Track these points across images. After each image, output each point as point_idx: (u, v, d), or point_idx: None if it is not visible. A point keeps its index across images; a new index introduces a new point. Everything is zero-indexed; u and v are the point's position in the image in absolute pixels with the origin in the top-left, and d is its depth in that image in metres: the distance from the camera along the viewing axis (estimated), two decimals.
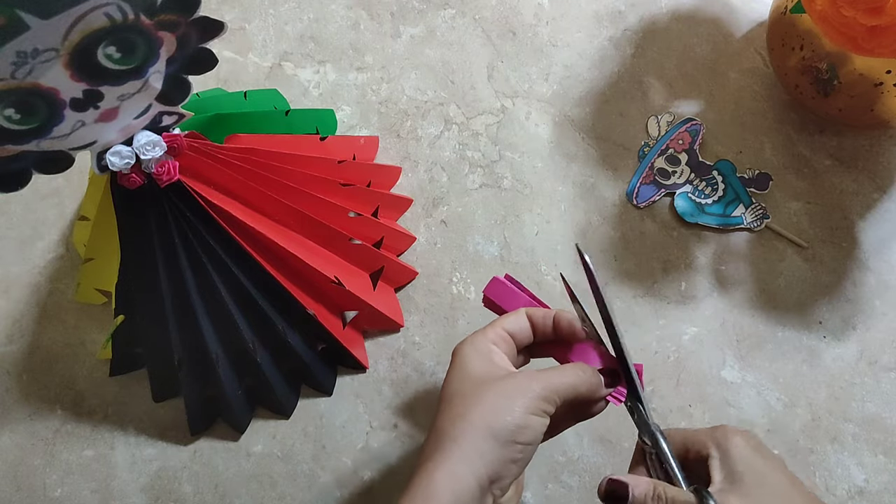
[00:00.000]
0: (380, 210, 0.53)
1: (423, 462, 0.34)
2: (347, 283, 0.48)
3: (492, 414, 0.34)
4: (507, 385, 0.35)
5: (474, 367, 0.37)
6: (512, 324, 0.39)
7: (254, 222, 0.43)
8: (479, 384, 0.36)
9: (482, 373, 0.36)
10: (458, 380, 0.37)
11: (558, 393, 0.36)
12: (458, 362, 0.38)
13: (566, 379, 0.37)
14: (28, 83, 0.30)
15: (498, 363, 0.37)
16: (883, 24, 0.41)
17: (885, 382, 0.51)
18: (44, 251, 0.55)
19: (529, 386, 0.35)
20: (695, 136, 0.57)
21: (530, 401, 0.35)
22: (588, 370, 0.38)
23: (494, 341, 0.38)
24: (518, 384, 0.35)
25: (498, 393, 0.35)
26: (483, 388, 0.35)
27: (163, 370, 0.49)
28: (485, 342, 0.38)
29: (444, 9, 0.62)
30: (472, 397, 0.35)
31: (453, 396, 0.36)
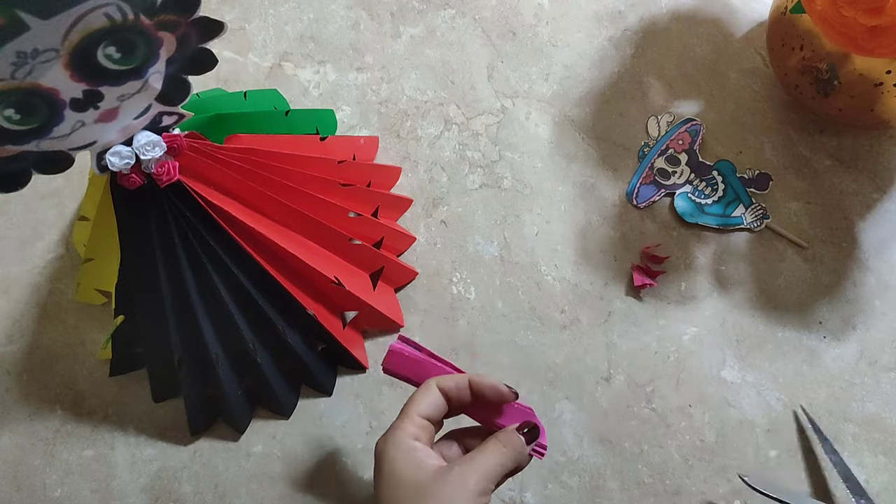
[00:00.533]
0: (380, 210, 0.53)
1: None
2: (347, 284, 0.48)
3: None
4: (444, 490, 0.35)
5: (403, 473, 0.36)
6: (426, 407, 0.39)
7: (254, 222, 0.43)
8: (413, 493, 0.36)
9: (412, 478, 0.36)
10: (390, 488, 0.36)
11: (492, 479, 0.37)
12: (384, 469, 0.37)
13: (494, 460, 0.37)
14: (28, 83, 0.30)
15: (424, 461, 0.37)
16: (883, 24, 0.41)
17: (885, 382, 0.51)
18: (44, 251, 0.55)
19: (465, 485, 0.35)
20: (695, 136, 0.57)
21: (468, 499, 0.35)
22: (508, 441, 0.38)
23: (415, 436, 0.38)
24: (454, 488, 0.35)
25: (437, 499, 0.35)
26: (419, 497, 0.35)
27: (163, 370, 0.49)
28: (406, 441, 0.37)
29: (444, 9, 0.62)
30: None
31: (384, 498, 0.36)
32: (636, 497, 0.49)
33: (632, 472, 0.49)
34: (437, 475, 0.36)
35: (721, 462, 0.49)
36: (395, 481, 0.36)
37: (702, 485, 0.49)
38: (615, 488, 0.49)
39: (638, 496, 0.49)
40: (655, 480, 0.49)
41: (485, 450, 0.38)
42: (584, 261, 0.54)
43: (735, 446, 0.50)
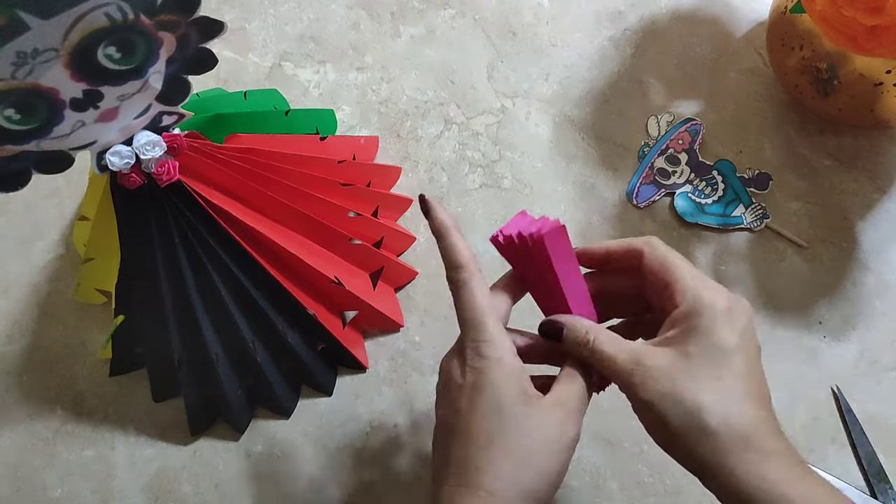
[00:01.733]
0: (380, 210, 0.53)
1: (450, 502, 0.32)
2: (347, 283, 0.48)
3: (543, 476, 0.32)
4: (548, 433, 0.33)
5: (504, 400, 0.33)
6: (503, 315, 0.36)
7: (254, 222, 0.43)
8: (516, 429, 0.32)
9: (516, 411, 0.33)
10: (488, 414, 0.33)
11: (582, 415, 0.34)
12: (486, 394, 0.33)
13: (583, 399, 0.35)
14: (28, 83, 0.30)
15: (526, 391, 0.34)
16: (883, 23, 0.41)
17: (885, 382, 0.51)
18: (44, 251, 0.55)
19: (567, 432, 0.33)
20: (695, 136, 0.57)
21: (571, 450, 0.33)
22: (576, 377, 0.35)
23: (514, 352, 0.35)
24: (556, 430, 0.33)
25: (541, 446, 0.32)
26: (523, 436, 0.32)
27: (163, 370, 0.49)
28: (511, 362, 0.34)
29: (444, 9, 0.62)
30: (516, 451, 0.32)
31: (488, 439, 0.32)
32: (636, 497, 0.49)
33: (632, 472, 0.49)
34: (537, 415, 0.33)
35: None
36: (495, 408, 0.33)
37: (702, 485, 0.49)
38: (615, 488, 0.49)
39: (638, 496, 0.49)
40: (655, 480, 0.49)
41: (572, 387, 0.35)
42: None
43: None
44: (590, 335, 0.35)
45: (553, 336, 0.36)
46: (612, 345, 0.34)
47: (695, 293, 0.33)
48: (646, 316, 0.39)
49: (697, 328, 0.32)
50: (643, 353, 0.33)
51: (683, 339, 0.33)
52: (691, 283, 0.34)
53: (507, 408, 0.33)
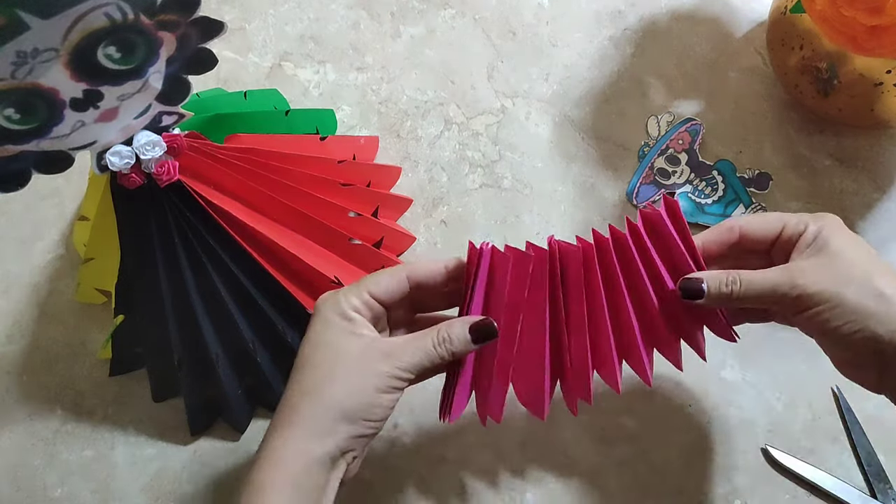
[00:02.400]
0: (380, 210, 0.53)
1: (273, 435, 0.35)
2: (347, 283, 0.47)
3: (343, 394, 0.35)
4: (358, 364, 0.36)
5: (329, 337, 0.37)
6: (382, 289, 0.38)
7: (254, 222, 0.43)
8: (332, 357, 0.36)
9: (335, 343, 0.36)
10: (310, 348, 0.37)
11: (408, 370, 0.36)
12: (314, 327, 0.37)
13: (415, 359, 0.37)
14: (28, 83, 0.30)
15: (355, 332, 0.37)
16: (883, 23, 0.41)
17: None
18: (44, 251, 0.55)
19: (379, 368, 0.36)
20: (695, 136, 0.57)
21: (381, 380, 0.36)
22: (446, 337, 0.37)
23: (355, 307, 0.37)
24: (368, 364, 0.36)
25: (349, 372, 0.36)
26: (336, 363, 0.36)
27: (163, 370, 0.49)
28: (346, 307, 0.37)
29: (444, 9, 0.62)
30: (324, 372, 0.36)
31: (305, 365, 0.36)
32: (636, 497, 0.49)
33: (632, 472, 0.49)
34: (359, 347, 0.36)
35: (721, 462, 0.49)
36: (319, 341, 0.37)
37: (702, 485, 0.49)
38: (615, 488, 0.49)
39: (638, 496, 0.49)
40: (655, 480, 0.49)
41: (413, 345, 0.37)
42: None
43: (735, 446, 0.50)
44: (731, 277, 0.38)
45: (694, 293, 0.39)
46: (759, 273, 0.38)
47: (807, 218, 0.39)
48: None
49: (828, 237, 0.37)
50: (794, 266, 0.38)
51: (821, 249, 0.37)
52: (797, 218, 0.39)
53: (322, 337, 0.37)
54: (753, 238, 0.40)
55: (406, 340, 0.37)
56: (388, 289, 0.39)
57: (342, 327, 0.37)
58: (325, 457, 0.35)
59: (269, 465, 0.34)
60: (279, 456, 0.34)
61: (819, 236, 0.38)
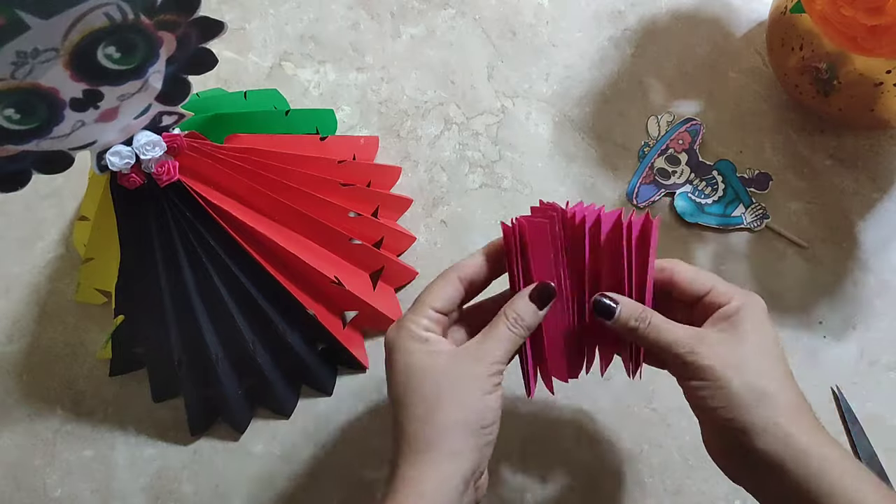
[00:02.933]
0: (380, 210, 0.53)
1: (402, 467, 0.35)
2: (347, 283, 0.48)
3: (456, 410, 0.35)
4: (456, 377, 0.36)
5: (416, 362, 0.37)
6: (441, 300, 0.39)
7: (254, 222, 0.43)
8: (430, 381, 0.36)
9: (426, 366, 0.36)
10: (404, 378, 0.37)
11: (500, 362, 0.37)
12: (397, 360, 0.37)
13: (501, 350, 0.37)
14: (28, 83, 0.30)
15: (437, 348, 0.37)
16: (883, 24, 0.41)
17: (885, 382, 0.51)
18: (44, 251, 0.55)
19: (476, 372, 0.36)
20: (695, 136, 0.57)
21: (482, 383, 0.36)
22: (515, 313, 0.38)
23: (427, 327, 0.38)
24: (465, 373, 0.36)
25: (452, 387, 0.36)
26: (437, 384, 0.36)
27: (163, 370, 0.49)
28: (418, 332, 0.37)
29: (444, 9, 0.62)
30: (430, 397, 0.36)
31: (407, 397, 0.36)
32: (636, 497, 0.49)
33: (632, 472, 0.49)
34: (449, 361, 0.36)
35: None
36: (409, 372, 0.36)
37: (702, 485, 0.49)
38: (615, 488, 0.49)
39: (638, 496, 0.49)
40: (655, 480, 0.49)
41: (493, 329, 0.37)
42: None
43: None
44: (646, 314, 0.38)
45: (605, 313, 0.38)
46: (670, 324, 0.38)
47: (736, 290, 0.38)
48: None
49: (745, 318, 0.37)
50: (702, 332, 0.37)
51: (733, 326, 0.37)
52: (727, 287, 0.38)
53: (411, 367, 0.37)
54: (680, 287, 0.39)
55: (484, 337, 0.37)
56: (449, 297, 0.39)
57: (424, 351, 0.37)
58: (462, 478, 0.35)
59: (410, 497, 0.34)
60: (418, 487, 0.34)
61: (737, 314, 0.37)
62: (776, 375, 0.36)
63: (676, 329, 0.37)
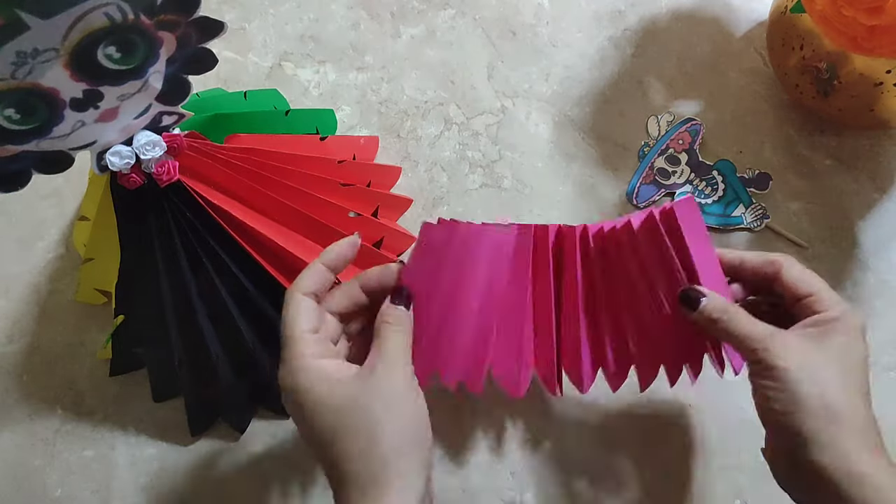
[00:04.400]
0: (380, 210, 0.53)
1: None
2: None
3: (394, 432, 0.34)
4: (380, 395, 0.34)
5: (330, 399, 0.34)
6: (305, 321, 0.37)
7: (254, 222, 0.43)
8: (353, 413, 0.34)
9: (343, 398, 0.34)
10: (323, 420, 0.34)
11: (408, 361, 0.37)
12: (308, 402, 0.35)
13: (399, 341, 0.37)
14: (28, 83, 0.30)
15: (341, 377, 0.35)
16: (883, 23, 0.41)
17: (885, 382, 0.51)
18: (44, 251, 0.55)
19: (393, 383, 0.35)
20: (695, 135, 0.57)
21: (407, 392, 0.35)
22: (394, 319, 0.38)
23: (316, 354, 0.36)
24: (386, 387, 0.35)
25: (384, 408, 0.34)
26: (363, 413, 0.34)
27: (163, 370, 0.49)
28: (312, 363, 0.35)
29: (444, 9, 0.62)
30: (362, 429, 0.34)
31: (336, 437, 0.34)
32: (636, 497, 0.49)
33: (632, 472, 0.49)
34: (365, 385, 0.35)
35: (721, 462, 0.49)
36: (326, 409, 0.34)
37: (702, 485, 0.49)
38: (615, 488, 0.49)
39: (638, 496, 0.49)
40: (655, 480, 0.49)
41: (385, 338, 0.37)
42: None
43: (735, 446, 0.50)
44: (729, 308, 0.37)
45: (691, 304, 0.38)
46: (750, 319, 0.37)
47: (837, 300, 0.37)
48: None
49: (836, 330, 0.36)
50: (781, 332, 0.37)
51: (822, 335, 0.36)
52: (831, 296, 0.38)
53: (325, 401, 0.34)
54: (785, 284, 0.39)
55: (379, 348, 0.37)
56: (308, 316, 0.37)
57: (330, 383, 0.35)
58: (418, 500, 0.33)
59: None
60: None
61: (830, 324, 0.36)
62: (850, 393, 0.35)
63: (755, 324, 0.37)
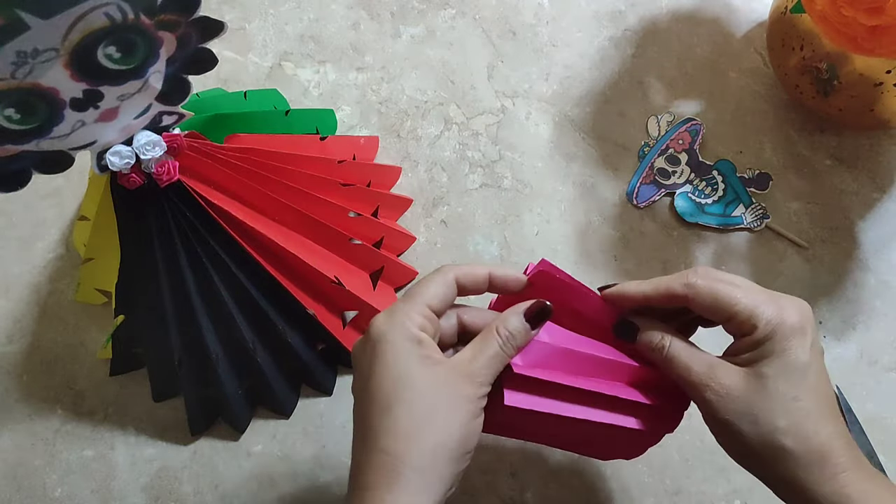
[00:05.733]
0: (380, 210, 0.53)
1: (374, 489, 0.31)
2: (347, 283, 0.48)
3: (445, 434, 0.32)
4: (449, 396, 0.33)
5: (408, 366, 0.33)
6: (436, 298, 0.35)
7: (254, 222, 0.43)
8: (419, 392, 0.33)
9: (418, 375, 0.33)
10: (391, 381, 0.33)
11: (488, 383, 0.34)
12: (385, 354, 0.33)
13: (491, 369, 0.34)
14: (28, 83, 0.30)
15: (431, 356, 0.34)
16: (883, 24, 0.41)
17: (885, 382, 0.51)
18: (44, 251, 0.55)
19: (467, 392, 0.33)
20: (695, 136, 0.57)
21: (472, 405, 0.33)
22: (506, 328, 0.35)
23: (421, 326, 0.34)
24: (457, 393, 0.33)
25: (445, 407, 0.33)
26: (429, 401, 0.33)
27: (163, 370, 0.49)
28: (411, 329, 0.34)
29: (444, 9, 0.62)
30: (419, 413, 0.32)
31: (391, 405, 0.32)
32: (636, 497, 0.49)
33: (632, 472, 0.49)
34: (442, 375, 0.33)
35: (721, 462, 0.49)
36: (398, 373, 0.33)
37: (702, 485, 0.49)
38: (615, 488, 0.49)
39: (638, 496, 0.49)
40: (655, 480, 0.49)
41: (484, 345, 0.34)
42: (585, 260, 0.54)
43: None
44: (665, 340, 0.35)
45: (627, 335, 0.36)
46: (688, 354, 0.35)
47: (761, 317, 0.33)
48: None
49: (772, 350, 0.33)
50: (718, 369, 0.34)
51: (757, 360, 0.33)
52: (752, 306, 0.33)
53: (402, 369, 0.33)
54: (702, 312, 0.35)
55: (473, 353, 0.34)
56: (444, 298, 0.36)
57: (418, 355, 0.33)
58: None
59: None
60: None
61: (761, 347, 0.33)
62: (800, 421, 0.32)
63: (692, 356, 0.34)
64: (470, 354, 0.34)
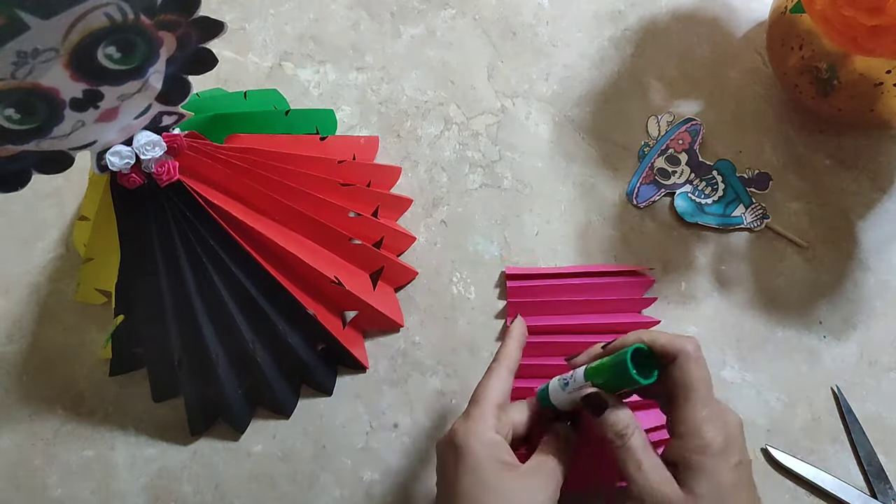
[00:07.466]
0: (380, 210, 0.53)
1: None
2: (347, 283, 0.48)
3: None
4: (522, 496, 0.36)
5: (487, 472, 0.36)
6: (501, 395, 0.40)
7: (254, 222, 0.43)
8: (493, 494, 0.36)
9: (497, 483, 0.36)
10: (473, 485, 0.36)
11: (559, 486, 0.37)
12: (468, 463, 0.37)
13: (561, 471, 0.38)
14: (28, 83, 0.30)
15: (508, 462, 0.37)
16: (883, 24, 0.41)
17: (885, 382, 0.51)
18: (44, 251, 0.55)
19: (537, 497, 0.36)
20: (695, 136, 0.57)
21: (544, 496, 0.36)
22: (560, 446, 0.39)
23: (496, 428, 0.38)
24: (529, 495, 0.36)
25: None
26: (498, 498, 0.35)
27: (163, 370, 0.49)
28: (489, 435, 0.37)
29: (444, 9, 0.62)
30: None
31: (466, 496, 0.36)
32: None
33: None
34: (520, 482, 0.36)
35: None
36: (480, 479, 0.36)
37: None
38: None
39: None
40: None
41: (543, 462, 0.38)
42: (585, 260, 0.54)
43: None
44: (629, 430, 0.37)
45: (594, 409, 0.38)
46: (644, 452, 0.36)
47: (698, 430, 0.36)
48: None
49: (701, 468, 0.35)
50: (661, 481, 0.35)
51: (690, 477, 0.35)
52: (698, 415, 0.36)
53: (485, 475, 0.36)
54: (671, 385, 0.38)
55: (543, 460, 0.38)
56: (506, 391, 0.40)
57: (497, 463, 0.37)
58: None
59: None
60: None
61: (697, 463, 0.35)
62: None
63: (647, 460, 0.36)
64: (539, 461, 0.38)
